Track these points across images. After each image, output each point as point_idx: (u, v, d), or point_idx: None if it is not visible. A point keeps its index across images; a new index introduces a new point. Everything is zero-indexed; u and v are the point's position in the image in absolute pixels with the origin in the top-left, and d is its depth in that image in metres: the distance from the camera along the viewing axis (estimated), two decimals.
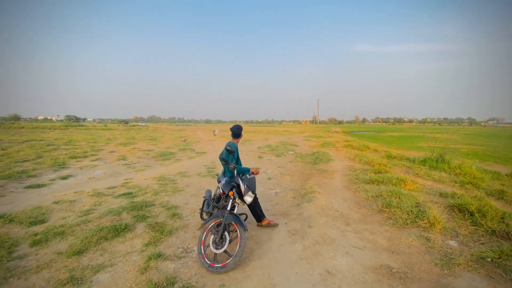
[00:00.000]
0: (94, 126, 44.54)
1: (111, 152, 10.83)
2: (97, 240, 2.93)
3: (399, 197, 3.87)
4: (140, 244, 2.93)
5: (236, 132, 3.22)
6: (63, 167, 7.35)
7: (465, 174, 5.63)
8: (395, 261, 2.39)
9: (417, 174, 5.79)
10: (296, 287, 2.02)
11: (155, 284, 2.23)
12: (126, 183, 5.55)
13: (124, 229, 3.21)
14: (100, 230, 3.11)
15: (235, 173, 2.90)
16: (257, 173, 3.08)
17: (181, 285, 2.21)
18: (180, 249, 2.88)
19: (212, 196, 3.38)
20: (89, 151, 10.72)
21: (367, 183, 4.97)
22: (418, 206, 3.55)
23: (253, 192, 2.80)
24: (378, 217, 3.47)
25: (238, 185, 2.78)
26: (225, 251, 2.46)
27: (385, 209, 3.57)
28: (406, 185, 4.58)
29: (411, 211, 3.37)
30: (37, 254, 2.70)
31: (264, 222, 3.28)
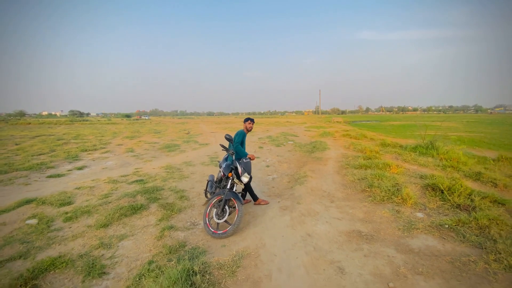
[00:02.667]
0: (98, 120, 45.32)
1: (118, 145, 11.41)
2: (118, 216, 3.49)
3: (381, 179, 4.33)
4: (155, 220, 3.48)
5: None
6: (76, 159, 7.95)
7: (449, 159, 6.04)
8: (366, 228, 2.89)
9: (405, 159, 6.23)
10: (281, 245, 2.54)
11: (170, 246, 2.77)
12: (136, 171, 6.11)
13: (140, 208, 3.76)
14: (120, 209, 3.66)
15: (234, 157, 3.39)
16: (253, 159, 3.58)
17: (190, 247, 2.75)
18: (189, 223, 3.43)
19: (215, 179, 3.90)
20: (98, 144, 11.31)
21: (356, 168, 5.44)
22: (396, 186, 4.02)
23: (249, 174, 3.30)
24: (360, 195, 3.96)
25: (236, 168, 3.28)
26: (225, 221, 3.00)
27: (367, 189, 4.05)
28: (391, 169, 5.03)
29: (389, 190, 3.85)
30: (70, 227, 3.27)
31: (247, 201, 3.90)
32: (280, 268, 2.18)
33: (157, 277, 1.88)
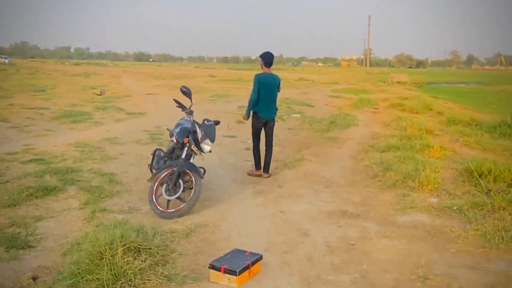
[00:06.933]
0: None
1: None
2: (26, 196, 5.36)
3: (405, 162, 6.38)
4: (78, 203, 5.40)
5: (268, 60, 6.44)
6: None
7: None
8: (356, 209, 4.91)
9: (465, 142, 8.39)
10: (246, 219, 4.52)
11: (106, 225, 4.67)
12: (28, 149, 7.96)
13: (54, 189, 5.65)
14: (26, 189, 5.52)
15: (192, 119, 5.29)
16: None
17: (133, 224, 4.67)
18: (127, 207, 5.37)
19: (164, 151, 5.81)
20: None
21: (382, 151, 7.50)
22: (419, 169, 6.06)
23: (212, 141, 5.22)
24: (369, 181, 6.02)
25: (195, 132, 5.16)
26: (178, 198, 4.94)
27: (380, 174, 6.10)
28: (430, 152, 7.12)
29: (408, 173, 5.89)
30: None
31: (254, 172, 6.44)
32: (240, 233, 4.13)
33: (110, 229, 3.74)
